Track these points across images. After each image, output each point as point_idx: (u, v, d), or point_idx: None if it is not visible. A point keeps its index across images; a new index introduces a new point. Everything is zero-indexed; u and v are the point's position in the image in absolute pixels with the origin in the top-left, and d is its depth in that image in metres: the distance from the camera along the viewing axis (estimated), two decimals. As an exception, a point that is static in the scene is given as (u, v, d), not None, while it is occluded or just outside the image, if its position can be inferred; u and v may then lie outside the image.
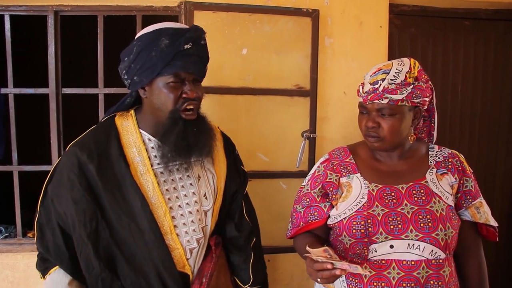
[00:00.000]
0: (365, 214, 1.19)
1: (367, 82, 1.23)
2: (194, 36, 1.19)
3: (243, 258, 1.38)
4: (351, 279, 1.23)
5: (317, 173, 1.34)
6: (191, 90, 1.18)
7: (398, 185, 1.23)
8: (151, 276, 1.18)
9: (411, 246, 1.16)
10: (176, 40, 1.15)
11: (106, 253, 1.17)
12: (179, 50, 1.15)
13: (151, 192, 1.20)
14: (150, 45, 1.16)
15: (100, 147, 1.21)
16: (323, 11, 1.92)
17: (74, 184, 1.17)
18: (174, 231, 1.21)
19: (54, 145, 1.93)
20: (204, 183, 1.30)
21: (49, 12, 1.86)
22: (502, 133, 2.33)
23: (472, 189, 1.27)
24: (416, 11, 2.14)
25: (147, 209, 1.18)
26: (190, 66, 1.17)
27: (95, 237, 1.16)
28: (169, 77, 1.16)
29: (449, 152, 1.31)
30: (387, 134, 1.20)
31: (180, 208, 1.24)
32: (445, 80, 2.24)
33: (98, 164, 1.18)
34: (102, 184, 1.17)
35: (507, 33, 2.24)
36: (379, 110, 1.20)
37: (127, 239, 1.18)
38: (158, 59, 1.15)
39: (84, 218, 1.16)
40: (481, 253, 1.32)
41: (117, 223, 1.17)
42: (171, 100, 1.17)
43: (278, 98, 1.91)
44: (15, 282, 1.91)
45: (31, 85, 1.94)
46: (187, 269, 1.24)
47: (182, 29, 1.20)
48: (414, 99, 1.19)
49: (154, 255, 1.18)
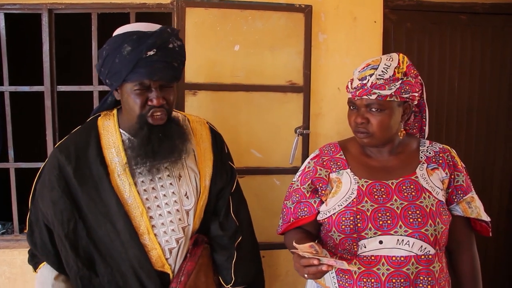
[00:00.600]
0: (354, 209, 1.19)
1: (356, 78, 1.23)
2: (158, 42, 1.15)
3: (225, 258, 1.35)
4: (341, 275, 1.23)
5: (307, 169, 1.33)
6: (157, 98, 1.16)
7: (388, 180, 1.23)
8: (128, 275, 1.21)
9: (400, 242, 1.16)
10: (138, 47, 1.13)
11: (84, 252, 1.21)
12: (141, 58, 1.13)
13: (128, 192, 1.21)
14: (115, 51, 1.15)
15: (79, 149, 1.24)
16: (316, 6, 1.91)
17: (53, 186, 1.21)
18: (152, 231, 1.22)
19: (49, 142, 1.94)
20: (185, 182, 1.29)
21: (43, 10, 1.86)
22: (500, 128, 2.30)
23: (463, 184, 1.26)
24: (412, 6, 2.12)
25: (122, 209, 1.20)
26: (155, 73, 1.15)
27: (73, 236, 1.19)
28: (134, 84, 1.16)
29: (440, 147, 1.30)
30: (376, 129, 1.20)
31: (158, 208, 1.25)
32: (441, 75, 2.22)
33: (76, 165, 1.21)
34: (79, 185, 1.20)
35: (505, 27, 2.21)
36: (367, 105, 1.20)
37: (104, 239, 1.20)
38: (122, 66, 1.15)
39: (62, 218, 1.19)
40: (474, 248, 1.31)
41: (94, 223, 1.20)
42: (138, 106, 1.17)
43: (271, 95, 1.90)
44: (12, 278, 1.93)
45: (27, 83, 1.95)
46: (166, 269, 1.25)
47: (146, 34, 1.16)
48: (403, 94, 1.18)
49: (130, 255, 1.20)
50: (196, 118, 1.43)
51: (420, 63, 2.19)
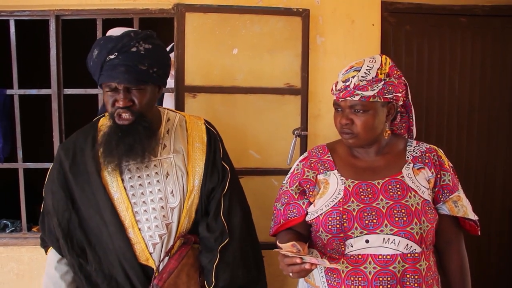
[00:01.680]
0: (340, 209, 1.21)
1: (339, 80, 1.25)
2: (119, 46, 1.20)
3: (208, 260, 1.33)
4: (329, 274, 1.25)
5: (295, 171, 1.36)
6: (122, 99, 1.21)
7: (374, 180, 1.25)
8: (115, 264, 1.29)
9: (386, 241, 1.18)
10: (101, 51, 1.21)
11: (77, 241, 1.30)
12: (104, 61, 1.21)
13: (115, 188, 1.30)
14: (90, 55, 1.25)
15: (77, 146, 1.35)
16: (314, 10, 1.94)
17: (54, 178, 1.34)
18: (136, 226, 1.29)
19: (56, 143, 2.01)
20: (172, 181, 1.32)
21: (51, 17, 1.94)
22: (501, 129, 2.30)
23: (449, 183, 1.27)
24: (411, 9, 2.14)
25: (110, 203, 1.28)
26: (117, 76, 1.19)
27: (66, 226, 1.30)
28: (104, 86, 1.24)
29: (427, 147, 1.32)
30: (360, 130, 1.22)
31: (144, 204, 1.30)
32: (442, 77, 2.23)
33: (72, 161, 1.33)
34: (73, 179, 1.31)
35: (504, 29, 2.21)
36: (351, 107, 1.22)
37: (95, 230, 1.30)
38: (94, 69, 1.25)
39: (58, 208, 1.31)
40: (462, 247, 1.32)
41: (85, 214, 1.31)
42: (109, 106, 1.25)
43: (270, 97, 1.94)
44: (20, 274, 2.00)
45: (35, 86, 2.03)
46: (151, 263, 1.30)
47: (109, 38, 1.23)
48: (386, 95, 1.20)
49: (116, 246, 1.28)
50: (194, 118, 1.45)
51: (419, 66, 2.21)
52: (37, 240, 1.97)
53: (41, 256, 1.93)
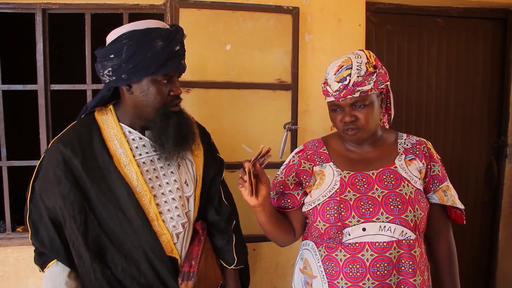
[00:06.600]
0: (337, 199, 1.26)
1: (333, 81, 1.27)
2: (181, 38, 1.27)
3: (225, 240, 1.45)
4: (327, 263, 1.29)
5: (291, 163, 1.40)
6: (178, 88, 1.29)
7: (369, 171, 1.30)
8: (141, 262, 1.24)
9: (382, 228, 1.23)
10: (170, 42, 1.23)
11: (95, 244, 1.22)
12: (172, 52, 1.24)
13: (135, 181, 1.26)
14: (145, 46, 1.20)
15: (83, 142, 1.26)
16: (303, 8, 2.00)
17: (60, 180, 1.21)
18: (160, 217, 1.28)
19: (43, 141, 1.96)
20: (184, 171, 1.37)
21: (37, 10, 1.89)
22: (474, 123, 2.44)
23: (439, 174, 1.35)
24: (392, 9, 2.23)
25: (133, 197, 1.24)
26: (179, 66, 1.28)
27: (84, 228, 1.21)
28: (161, 77, 1.24)
29: (417, 140, 1.39)
30: (365, 123, 1.27)
31: (163, 195, 1.31)
32: (420, 74, 2.34)
33: (83, 158, 1.23)
34: (87, 176, 1.22)
35: (477, 30, 2.35)
36: (352, 104, 1.26)
37: (116, 228, 1.23)
38: (153, 61, 1.21)
39: (73, 211, 1.21)
40: (450, 235, 1.40)
41: (104, 213, 1.23)
42: (162, 98, 1.26)
43: (261, 92, 1.99)
44: (5, 276, 1.93)
45: (21, 81, 1.97)
46: (175, 254, 1.30)
47: (171, 30, 1.27)
48: (379, 86, 1.27)
49: (143, 241, 1.24)
50: None
51: (400, 63, 2.31)
52: (23, 241, 1.94)
53: (28, 256, 1.90)
